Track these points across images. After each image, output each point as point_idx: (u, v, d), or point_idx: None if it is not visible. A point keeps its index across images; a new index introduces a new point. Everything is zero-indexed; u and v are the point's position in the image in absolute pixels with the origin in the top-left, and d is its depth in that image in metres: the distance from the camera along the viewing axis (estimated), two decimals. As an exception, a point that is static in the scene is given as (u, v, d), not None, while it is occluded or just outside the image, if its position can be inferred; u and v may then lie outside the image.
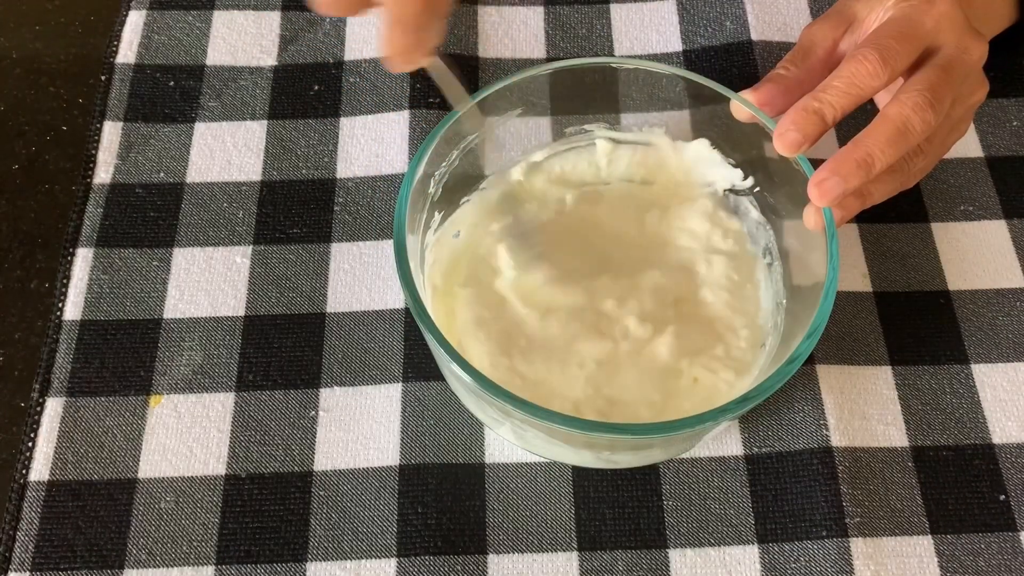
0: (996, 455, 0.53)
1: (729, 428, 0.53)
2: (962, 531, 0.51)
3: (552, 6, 0.70)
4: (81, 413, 0.54)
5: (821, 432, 0.53)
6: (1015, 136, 0.64)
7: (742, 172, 0.56)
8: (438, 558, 0.50)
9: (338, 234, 0.60)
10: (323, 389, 0.55)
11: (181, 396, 0.54)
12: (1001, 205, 0.61)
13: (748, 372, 0.52)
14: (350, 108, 0.65)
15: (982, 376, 0.55)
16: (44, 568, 0.49)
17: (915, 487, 0.52)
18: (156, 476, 0.52)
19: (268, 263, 0.59)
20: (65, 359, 0.55)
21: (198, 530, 0.51)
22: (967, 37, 0.51)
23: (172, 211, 0.60)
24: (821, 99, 0.48)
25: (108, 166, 0.62)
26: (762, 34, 0.67)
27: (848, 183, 0.47)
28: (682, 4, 0.70)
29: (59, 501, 0.51)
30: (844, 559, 0.49)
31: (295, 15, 0.69)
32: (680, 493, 0.52)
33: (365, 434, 0.53)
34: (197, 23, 0.68)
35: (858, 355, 0.56)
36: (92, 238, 0.59)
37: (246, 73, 0.66)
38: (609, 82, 0.56)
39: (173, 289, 0.58)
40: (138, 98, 0.65)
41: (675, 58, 0.67)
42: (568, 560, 0.50)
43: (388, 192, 0.61)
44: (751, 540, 0.51)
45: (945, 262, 0.59)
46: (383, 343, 0.56)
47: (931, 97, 0.48)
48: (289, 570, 0.50)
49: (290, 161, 0.63)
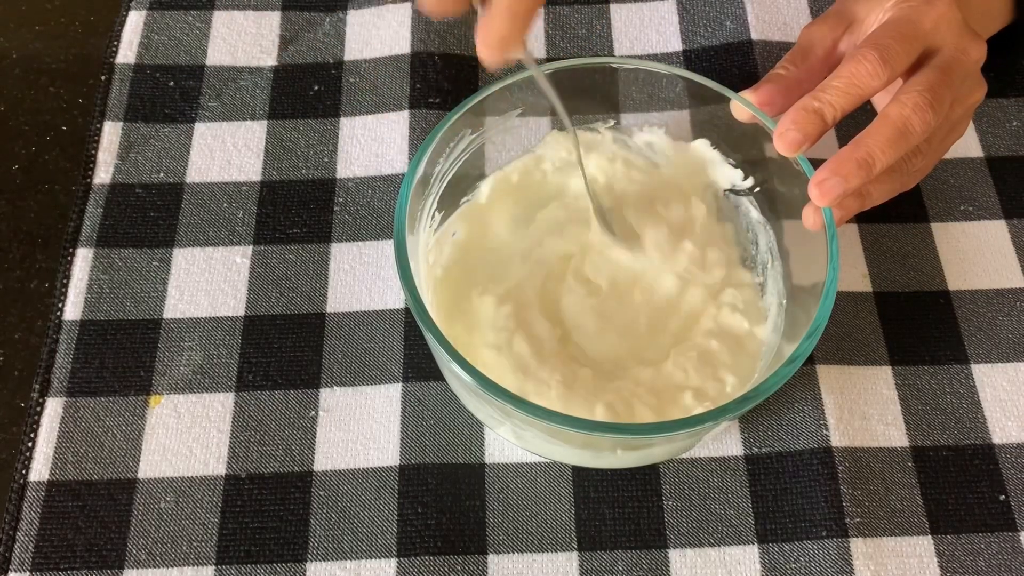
0: (996, 455, 0.53)
1: (729, 428, 0.53)
2: (962, 531, 0.51)
3: (552, 6, 0.70)
4: (81, 413, 0.54)
5: (821, 432, 0.53)
6: (1015, 136, 0.64)
7: (742, 172, 0.56)
8: (438, 558, 0.50)
9: (338, 234, 0.60)
10: (323, 389, 0.55)
11: (181, 396, 0.54)
12: (1001, 205, 0.61)
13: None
14: (350, 108, 0.65)
15: (982, 376, 0.55)
16: (44, 568, 0.49)
17: (915, 487, 0.52)
18: (156, 476, 0.52)
19: (268, 263, 0.59)
20: (65, 359, 0.55)
21: (198, 530, 0.51)
22: (966, 38, 0.51)
23: (172, 211, 0.60)
24: (821, 99, 0.48)
25: (108, 166, 0.62)
26: (762, 34, 0.67)
27: (849, 183, 0.47)
28: (682, 4, 0.70)
29: (59, 501, 0.51)
30: (844, 559, 0.49)
31: (295, 15, 0.69)
32: (680, 493, 0.52)
33: (365, 434, 0.53)
34: (197, 23, 0.68)
35: (858, 355, 0.56)
36: (92, 238, 0.59)
37: (246, 73, 0.66)
38: (609, 82, 0.56)
39: (173, 289, 0.58)
40: (138, 98, 0.65)
41: (675, 58, 0.67)
42: (568, 560, 0.50)
43: (388, 192, 0.61)
44: (751, 540, 0.51)
45: (945, 262, 0.59)
46: (383, 343, 0.56)
47: (931, 98, 0.48)
48: (289, 570, 0.50)
49: (290, 161, 0.63)
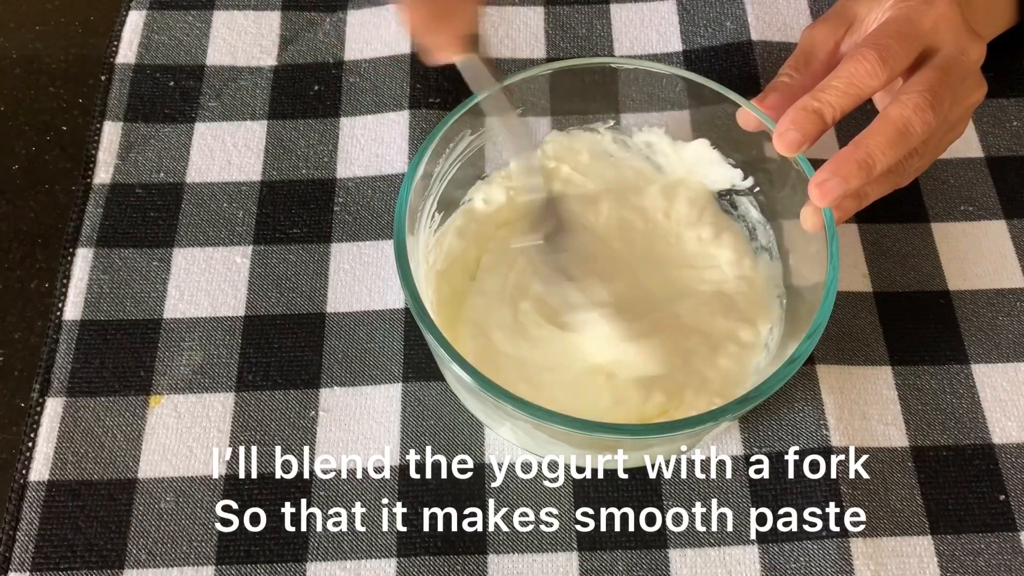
0: (996, 455, 0.53)
1: (729, 428, 0.53)
2: (962, 531, 0.51)
3: (552, 6, 0.70)
4: (81, 413, 0.54)
5: (821, 432, 0.53)
6: (1015, 136, 0.64)
7: (742, 172, 0.56)
8: (438, 558, 0.50)
9: (338, 234, 0.60)
10: (323, 389, 0.55)
11: (181, 396, 0.54)
12: (1001, 205, 0.61)
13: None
14: (350, 108, 0.65)
15: (982, 376, 0.55)
16: (44, 568, 0.49)
17: (915, 487, 0.52)
18: (156, 476, 0.52)
19: (268, 263, 0.59)
20: (65, 359, 0.55)
21: (198, 530, 0.51)
22: (965, 38, 0.51)
23: (172, 211, 0.60)
24: (820, 98, 0.48)
25: (108, 166, 0.62)
26: (762, 34, 0.67)
27: (849, 184, 0.47)
28: (682, 4, 0.70)
29: (59, 501, 0.51)
30: (844, 559, 0.49)
31: (295, 15, 0.69)
32: (680, 493, 0.52)
33: (365, 434, 0.53)
34: (197, 23, 0.68)
35: (858, 355, 0.56)
36: (92, 238, 0.59)
37: (246, 73, 0.66)
38: (609, 82, 0.56)
39: (173, 289, 0.58)
40: (138, 98, 0.65)
41: (675, 58, 0.67)
42: (568, 560, 0.50)
43: (388, 192, 0.61)
44: (751, 540, 0.50)
45: (945, 262, 0.59)
46: (383, 343, 0.56)
47: (931, 98, 0.48)
48: (289, 570, 0.50)
49: (290, 161, 0.63)
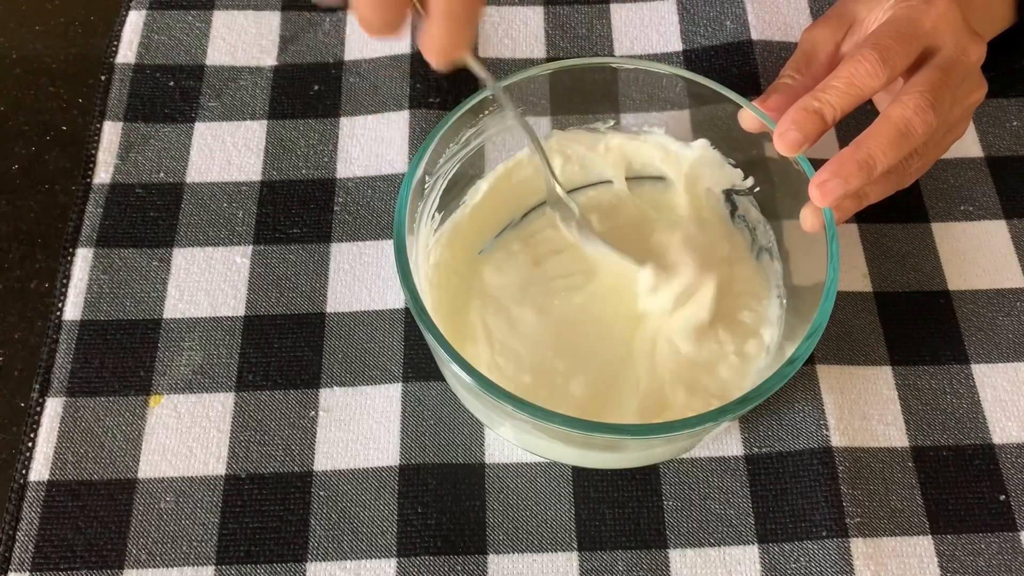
0: (996, 455, 0.53)
1: (729, 428, 0.53)
2: (962, 531, 0.51)
3: (552, 6, 0.70)
4: (81, 413, 0.54)
5: (821, 432, 0.53)
6: (1015, 136, 0.64)
7: (742, 172, 0.56)
8: (438, 558, 0.50)
9: (338, 234, 0.60)
10: (323, 389, 0.55)
11: (181, 396, 0.54)
12: (1001, 205, 0.61)
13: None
14: (350, 108, 0.65)
15: (982, 376, 0.55)
16: (44, 568, 0.49)
17: (915, 487, 0.52)
18: (156, 476, 0.52)
19: (268, 263, 0.59)
20: (65, 359, 0.55)
21: (198, 530, 0.51)
22: (965, 38, 0.51)
23: (172, 211, 0.60)
24: (821, 98, 0.48)
25: (108, 166, 0.62)
26: (762, 34, 0.67)
27: (849, 184, 0.47)
28: (682, 4, 0.69)
29: (59, 501, 0.51)
30: (844, 559, 0.49)
31: (295, 15, 0.69)
32: (680, 493, 0.52)
33: (365, 434, 0.53)
34: (197, 23, 0.68)
35: (858, 355, 0.56)
36: (92, 238, 0.59)
37: (246, 73, 0.66)
38: (609, 82, 0.56)
39: (173, 289, 0.58)
40: (138, 98, 0.65)
41: (675, 58, 0.67)
42: (568, 560, 0.50)
43: (388, 192, 0.61)
44: (751, 540, 0.51)
45: (945, 262, 0.59)
46: (383, 343, 0.56)
47: (932, 99, 0.48)
48: (289, 570, 0.50)
49: (290, 161, 0.63)
